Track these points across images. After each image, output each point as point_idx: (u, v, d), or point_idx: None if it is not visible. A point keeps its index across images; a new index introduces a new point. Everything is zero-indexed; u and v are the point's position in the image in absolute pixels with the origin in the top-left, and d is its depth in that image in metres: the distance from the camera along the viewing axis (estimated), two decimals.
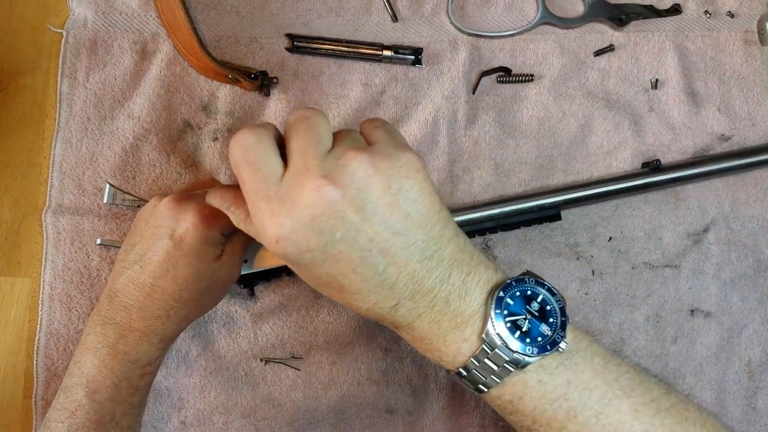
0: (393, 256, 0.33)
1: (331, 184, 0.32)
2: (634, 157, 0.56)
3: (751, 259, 0.56)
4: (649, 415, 0.35)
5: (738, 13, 0.58)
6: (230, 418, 0.51)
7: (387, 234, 0.33)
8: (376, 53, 0.54)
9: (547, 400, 0.35)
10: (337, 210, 0.32)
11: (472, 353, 0.35)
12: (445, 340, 0.35)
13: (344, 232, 0.32)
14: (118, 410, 0.42)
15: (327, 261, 0.33)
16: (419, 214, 0.34)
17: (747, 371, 0.55)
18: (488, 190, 0.55)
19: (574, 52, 0.57)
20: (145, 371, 0.43)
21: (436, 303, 0.35)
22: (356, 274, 0.33)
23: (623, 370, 0.36)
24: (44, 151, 0.52)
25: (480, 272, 0.36)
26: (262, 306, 0.52)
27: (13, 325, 0.51)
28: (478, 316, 0.35)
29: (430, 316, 0.35)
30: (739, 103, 0.58)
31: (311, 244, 0.32)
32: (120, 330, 0.42)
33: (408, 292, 0.34)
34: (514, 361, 0.35)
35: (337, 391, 0.52)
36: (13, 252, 0.52)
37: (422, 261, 0.34)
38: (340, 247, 0.32)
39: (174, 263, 0.41)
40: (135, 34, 0.53)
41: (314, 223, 0.32)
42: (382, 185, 0.32)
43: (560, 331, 0.35)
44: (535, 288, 0.37)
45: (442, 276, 0.35)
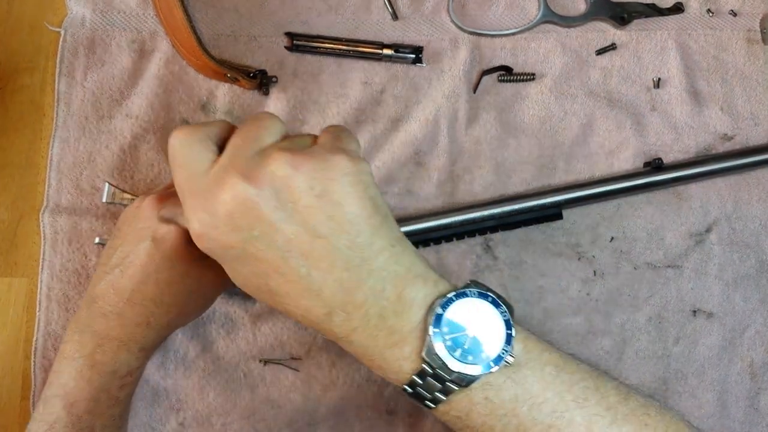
0: (315, 260, 0.32)
1: (247, 182, 0.31)
2: (636, 156, 0.56)
3: (753, 259, 0.56)
4: (605, 425, 0.33)
5: (740, 12, 0.58)
6: (229, 420, 0.51)
7: (307, 236, 0.32)
8: (376, 52, 0.54)
9: (495, 416, 0.33)
10: (253, 208, 0.31)
11: (413, 372, 0.33)
12: (384, 358, 0.34)
13: (261, 230, 0.31)
14: (97, 423, 0.40)
15: (249, 260, 0.32)
16: (343, 218, 0.32)
17: (749, 372, 0.55)
18: (489, 190, 0.54)
19: (576, 51, 0.56)
20: (124, 382, 0.41)
21: (370, 318, 0.33)
22: (280, 276, 0.32)
23: (577, 378, 0.34)
24: (42, 150, 0.52)
25: (418, 286, 0.34)
26: (261, 306, 0.52)
27: (10, 326, 0.51)
28: (416, 333, 0.33)
29: (366, 331, 0.33)
30: (742, 102, 0.57)
31: (230, 240, 0.32)
32: (98, 339, 0.40)
33: (338, 302, 0.33)
34: (456, 380, 0.33)
35: (337, 392, 0.52)
36: (10, 252, 0.51)
37: (349, 270, 0.32)
38: (259, 246, 0.32)
39: (156, 266, 0.39)
40: (133, 33, 0.53)
41: (231, 219, 0.31)
42: (302, 186, 0.31)
43: (505, 345, 0.33)
44: (477, 300, 0.34)
45: (375, 288, 0.33)
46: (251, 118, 0.35)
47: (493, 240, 0.54)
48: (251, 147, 0.33)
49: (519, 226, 0.53)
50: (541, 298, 0.54)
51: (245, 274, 0.33)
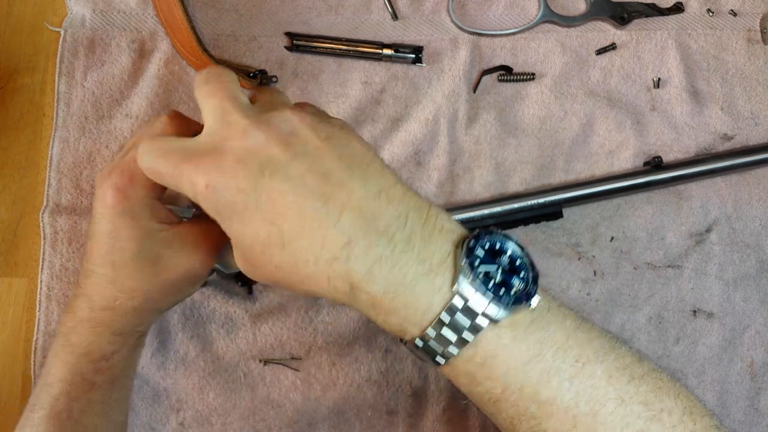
0: (330, 194, 0.31)
1: (257, 130, 0.31)
2: (636, 156, 0.55)
3: (753, 259, 0.56)
4: (624, 381, 0.33)
5: (741, 12, 0.58)
6: (229, 420, 0.51)
7: (321, 170, 0.31)
8: (376, 52, 0.54)
9: (521, 360, 0.32)
10: (264, 150, 0.31)
11: (444, 306, 0.31)
12: (414, 292, 0.31)
13: (273, 168, 0.31)
14: (74, 406, 0.40)
15: (260, 204, 0.31)
16: (351, 155, 0.32)
17: (749, 372, 0.55)
18: (489, 190, 0.54)
19: (576, 51, 0.56)
20: (99, 366, 0.41)
21: (396, 243, 0.31)
22: (295, 213, 0.31)
23: (595, 335, 0.34)
24: (42, 150, 0.52)
25: (443, 220, 0.33)
26: (261, 306, 0.52)
27: (10, 326, 0.51)
28: (446, 265, 0.32)
29: (392, 260, 0.31)
30: (742, 102, 0.57)
31: (241, 184, 0.31)
32: (73, 320, 0.40)
33: (359, 230, 0.31)
34: (487, 315, 0.31)
35: (337, 393, 0.52)
36: (10, 252, 0.51)
37: (366, 198, 0.31)
38: (273, 183, 0.31)
39: (108, 247, 0.38)
40: (133, 33, 0.53)
41: (240, 164, 0.31)
42: (309, 132, 0.32)
43: (533, 285, 0.33)
44: (503, 240, 0.34)
45: (398, 215, 0.32)
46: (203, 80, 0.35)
47: None
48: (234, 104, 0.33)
49: (519, 226, 0.53)
50: None
51: (254, 226, 0.31)
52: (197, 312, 0.51)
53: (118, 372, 0.42)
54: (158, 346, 0.51)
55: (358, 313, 0.51)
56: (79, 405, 0.40)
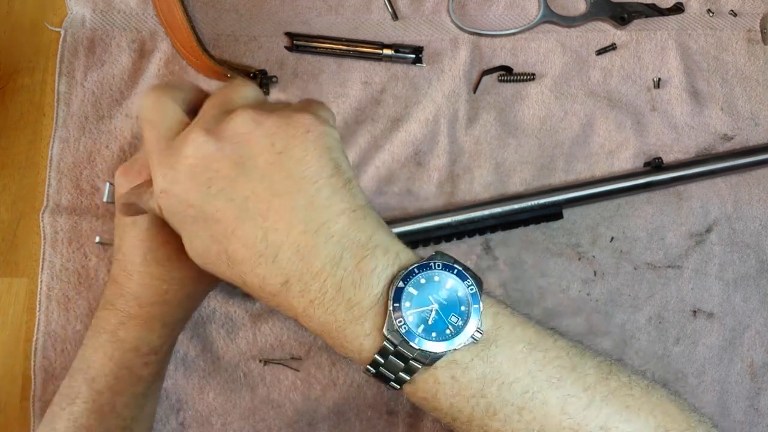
0: (272, 221, 0.31)
1: (209, 136, 0.31)
2: (636, 156, 0.55)
3: (753, 259, 0.56)
4: (581, 406, 0.31)
5: (741, 12, 0.58)
6: (229, 420, 0.51)
7: (265, 194, 0.31)
8: (376, 52, 0.53)
9: (463, 397, 0.31)
10: (213, 162, 0.31)
11: (375, 350, 0.31)
12: (345, 335, 0.31)
13: (220, 187, 0.31)
14: (118, 400, 0.41)
15: (207, 222, 0.31)
16: (302, 175, 0.31)
17: (749, 372, 0.55)
18: (489, 190, 0.54)
19: (576, 51, 0.56)
20: (147, 360, 0.41)
21: (327, 289, 0.31)
22: (237, 239, 0.31)
23: (552, 356, 0.32)
24: (42, 150, 0.52)
25: (377, 257, 0.32)
26: (261, 306, 0.52)
27: (10, 326, 0.51)
28: (376, 308, 0.31)
29: (324, 305, 0.31)
30: (742, 102, 0.57)
31: (190, 197, 0.31)
32: (120, 316, 0.41)
33: (295, 270, 0.31)
34: (420, 358, 0.31)
35: (337, 392, 0.52)
36: (10, 252, 0.51)
37: (306, 233, 0.31)
38: (217, 203, 0.31)
39: (149, 245, 0.39)
40: (133, 33, 0.53)
41: (191, 175, 0.31)
42: (263, 142, 0.31)
43: (473, 320, 0.31)
44: (441, 273, 0.32)
45: (332, 256, 0.31)
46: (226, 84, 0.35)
47: (493, 240, 0.54)
48: (221, 108, 0.33)
49: (519, 226, 0.53)
50: (541, 299, 0.54)
51: (204, 239, 0.32)
52: (197, 312, 0.51)
53: (163, 364, 0.43)
54: None
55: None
56: (123, 399, 0.41)
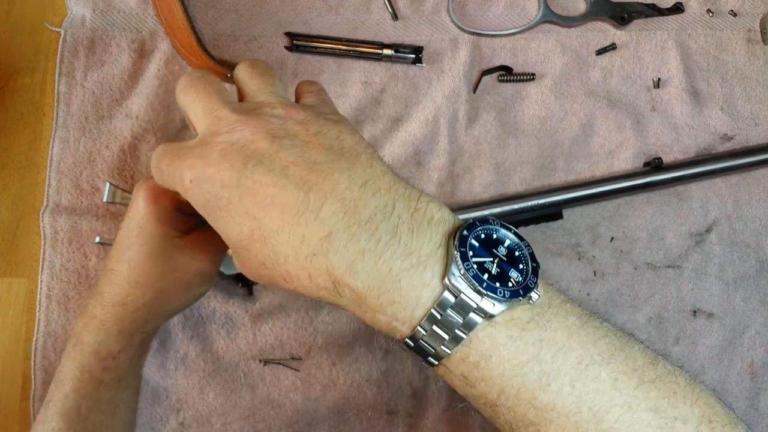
0: (312, 184, 0.29)
1: (245, 124, 0.31)
2: (636, 156, 0.55)
3: (753, 259, 0.56)
4: (632, 386, 0.30)
5: (740, 12, 0.58)
6: (229, 420, 0.51)
7: (306, 163, 0.30)
8: (376, 52, 0.54)
9: (518, 361, 0.30)
10: (250, 144, 0.30)
11: (434, 302, 0.29)
12: (400, 287, 0.29)
13: (257, 161, 0.30)
14: (83, 404, 0.41)
15: (244, 196, 0.30)
16: (340, 147, 0.31)
17: (749, 372, 0.55)
18: (489, 190, 0.54)
19: (576, 51, 0.56)
20: (106, 365, 0.42)
21: (380, 236, 0.29)
22: (275, 207, 0.29)
23: (602, 333, 0.31)
24: (42, 150, 0.52)
25: (433, 209, 0.31)
26: (261, 306, 0.52)
27: (10, 326, 0.51)
28: (436, 257, 0.30)
29: (376, 254, 0.29)
30: (742, 102, 0.57)
31: (224, 177, 0.30)
32: (85, 318, 0.41)
33: (341, 222, 0.29)
34: (481, 310, 0.29)
35: (337, 393, 0.52)
36: (10, 252, 0.51)
37: (351, 187, 0.30)
38: (254, 175, 0.30)
39: (129, 244, 0.40)
40: (133, 33, 0.53)
41: (225, 157, 0.30)
42: (298, 127, 0.31)
43: (532, 277, 0.30)
44: (500, 231, 0.32)
45: (383, 205, 0.30)
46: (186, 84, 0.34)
47: None
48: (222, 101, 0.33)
49: (519, 226, 0.53)
50: None
51: (237, 221, 0.30)
52: (197, 312, 0.51)
53: (124, 371, 0.43)
54: (158, 346, 0.51)
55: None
56: (87, 402, 0.41)
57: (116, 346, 0.42)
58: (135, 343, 0.43)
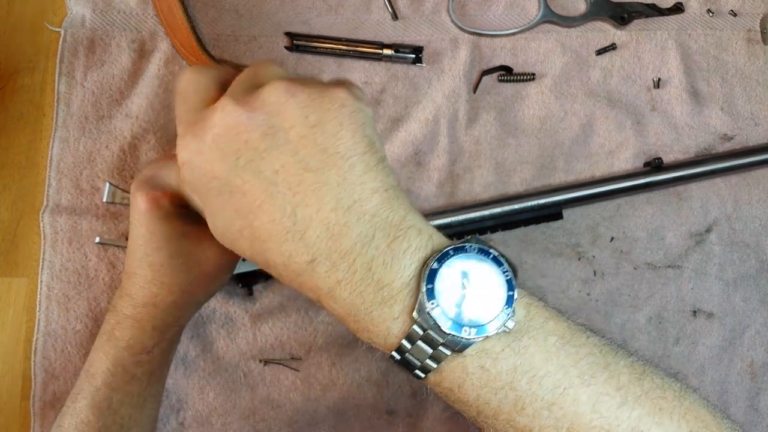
0: (302, 196, 0.29)
1: (239, 106, 0.30)
2: (636, 156, 0.55)
3: (753, 259, 0.56)
4: (614, 406, 0.29)
5: (741, 12, 0.58)
6: (229, 420, 0.51)
7: (296, 168, 0.30)
8: (376, 52, 0.53)
9: (491, 389, 0.30)
10: (241, 132, 0.30)
11: (403, 334, 0.30)
12: (372, 318, 0.30)
13: (248, 158, 0.30)
14: (114, 397, 0.42)
15: (233, 194, 0.30)
16: (335, 150, 0.30)
17: (749, 372, 0.55)
18: (489, 190, 0.54)
19: (576, 51, 0.56)
20: (139, 359, 0.42)
21: (356, 269, 0.30)
22: (264, 213, 0.30)
23: (584, 353, 0.30)
24: (42, 150, 0.52)
25: (411, 237, 0.30)
26: (261, 306, 0.52)
27: (10, 326, 0.51)
28: (407, 290, 0.30)
29: (352, 285, 0.30)
30: (742, 102, 0.57)
31: (216, 168, 0.30)
32: (117, 316, 0.42)
33: (323, 249, 0.30)
34: (450, 344, 0.29)
35: (337, 393, 0.52)
36: (10, 252, 0.51)
37: (337, 210, 0.30)
38: (245, 176, 0.30)
39: (145, 250, 0.40)
40: (133, 33, 0.53)
41: (217, 144, 0.30)
42: (297, 113, 0.30)
43: (506, 308, 0.30)
44: (477, 257, 0.31)
45: (364, 235, 0.30)
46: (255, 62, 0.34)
47: (493, 240, 0.54)
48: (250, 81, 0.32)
49: (519, 226, 0.53)
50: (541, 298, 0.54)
51: (227, 214, 0.31)
52: (197, 312, 0.51)
53: (156, 366, 0.44)
54: None
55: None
56: (118, 396, 0.42)
57: (150, 341, 0.42)
58: (167, 337, 0.44)
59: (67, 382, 0.50)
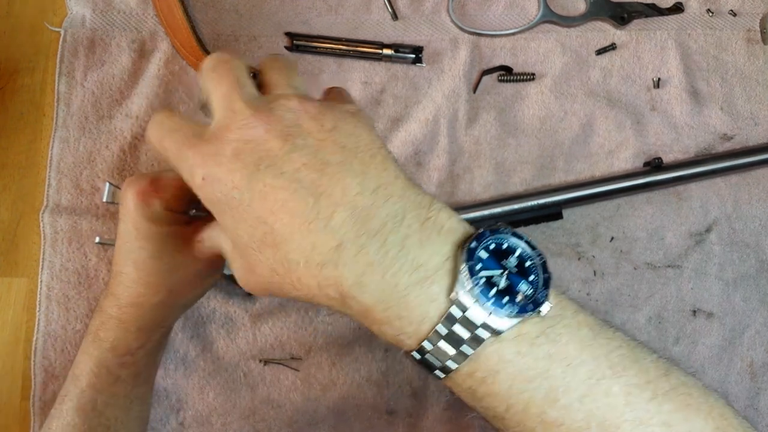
0: (326, 187, 0.29)
1: (258, 121, 0.30)
2: (636, 156, 0.56)
3: (753, 259, 0.56)
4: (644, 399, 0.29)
5: (740, 12, 0.58)
6: (229, 420, 0.51)
7: (318, 164, 0.29)
8: (376, 52, 0.54)
9: (526, 377, 0.29)
10: (262, 143, 0.30)
11: (439, 317, 0.29)
12: (407, 302, 0.29)
13: (269, 162, 0.29)
14: (99, 399, 0.42)
15: (254, 200, 0.29)
16: (355, 145, 0.30)
17: (749, 372, 0.55)
18: (489, 190, 0.54)
19: (576, 51, 0.56)
20: (124, 360, 0.42)
21: (389, 248, 0.29)
22: (285, 211, 0.29)
23: (615, 345, 0.30)
24: (42, 150, 0.52)
25: (442, 219, 0.30)
26: (261, 306, 0.52)
27: (10, 326, 0.51)
28: (443, 271, 0.29)
29: (384, 266, 0.29)
30: (742, 102, 0.57)
31: (236, 179, 0.29)
32: (102, 317, 0.42)
33: (351, 232, 0.29)
34: (488, 326, 0.29)
35: (337, 392, 0.52)
36: (10, 252, 0.51)
37: (363, 194, 0.29)
38: (266, 179, 0.29)
39: (129, 247, 0.39)
40: (133, 33, 0.53)
41: (238, 157, 0.30)
42: (312, 123, 0.30)
43: (542, 290, 0.30)
44: (511, 240, 0.31)
45: (394, 215, 0.29)
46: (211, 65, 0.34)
47: None
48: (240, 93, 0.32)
49: (519, 226, 0.53)
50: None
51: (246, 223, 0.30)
52: (197, 312, 0.51)
53: (142, 367, 0.44)
54: None
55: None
56: (103, 397, 0.42)
57: (135, 342, 0.42)
58: (154, 339, 0.43)
59: None
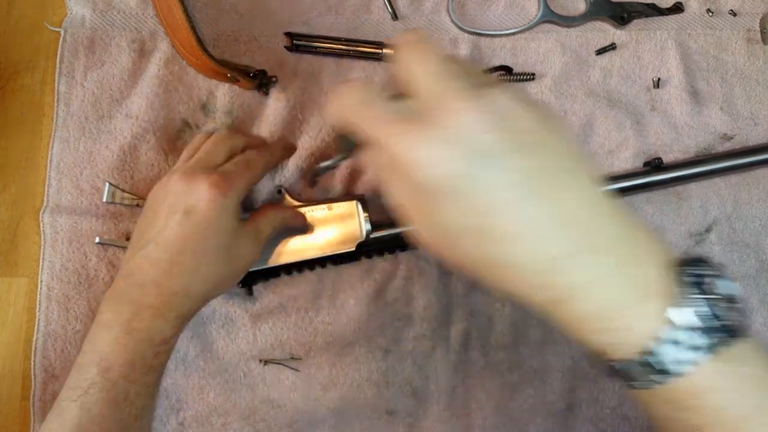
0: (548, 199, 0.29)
1: (475, 111, 0.29)
2: (636, 156, 0.55)
3: (753, 259, 0.56)
4: None
5: (740, 12, 0.58)
6: (229, 420, 0.51)
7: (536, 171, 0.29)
8: (376, 52, 0.54)
9: (739, 393, 0.30)
10: (478, 133, 0.29)
11: (652, 335, 0.29)
12: (624, 317, 0.30)
13: (487, 157, 0.29)
14: (131, 389, 0.41)
15: (477, 192, 0.29)
16: (568, 153, 0.30)
17: None
18: None
19: (576, 51, 0.56)
20: (159, 350, 0.42)
21: (611, 265, 0.30)
22: (507, 212, 0.29)
23: None
24: (42, 150, 0.52)
25: (651, 241, 0.31)
26: (261, 306, 0.52)
27: (10, 326, 0.51)
28: (658, 291, 0.30)
29: (606, 282, 0.29)
30: (742, 102, 0.57)
31: (449, 167, 0.29)
32: (135, 307, 0.41)
33: (574, 246, 0.29)
34: (698, 347, 0.29)
35: (337, 393, 0.52)
36: (10, 252, 0.51)
37: (582, 209, 0.30)
38: (485, 173, 0.29)
39: (190, 238, 0.41)
40: (133, 33, 0.53)
41: (451, 145, 0.29)
42: (529, 120, 0.30)
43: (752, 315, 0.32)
44: (714, 269, 0.31)
45: (616, 234, 0.30)
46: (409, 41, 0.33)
47: None
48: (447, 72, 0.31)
49: None
50: None
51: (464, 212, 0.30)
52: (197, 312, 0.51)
53: (170, 355, 0.45)
54: None
55: (358, 313, 0.51)
56: (136, 388, 0.42)
57: (171, 331, 0.43)
58: (185, 325, 0.44)
59: None
